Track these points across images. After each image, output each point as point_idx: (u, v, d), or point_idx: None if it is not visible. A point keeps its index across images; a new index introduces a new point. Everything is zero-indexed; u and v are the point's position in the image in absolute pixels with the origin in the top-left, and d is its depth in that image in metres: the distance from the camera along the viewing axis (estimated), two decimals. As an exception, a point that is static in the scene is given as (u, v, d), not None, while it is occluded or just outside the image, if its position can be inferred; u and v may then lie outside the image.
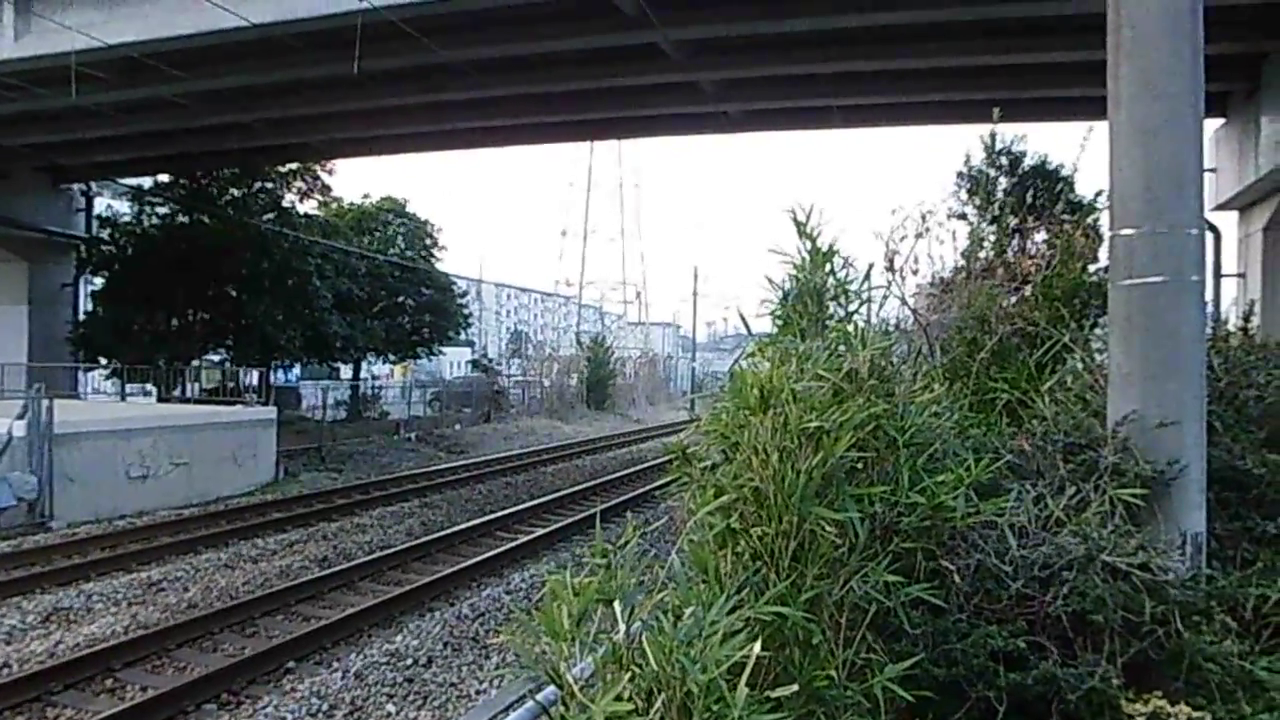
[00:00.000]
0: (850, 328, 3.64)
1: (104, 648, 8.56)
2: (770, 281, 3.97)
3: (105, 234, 27.16)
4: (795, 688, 2.45)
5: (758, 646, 2.33)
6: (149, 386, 24.87)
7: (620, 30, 14.99)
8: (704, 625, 2.36)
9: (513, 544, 13.67)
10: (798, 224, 3.77)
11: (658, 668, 2.30)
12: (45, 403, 14.60)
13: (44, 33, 15.48)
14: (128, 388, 25.41)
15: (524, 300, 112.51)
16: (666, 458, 3.48)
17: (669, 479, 3.44)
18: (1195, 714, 3.07)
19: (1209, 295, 14.46)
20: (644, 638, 2.41)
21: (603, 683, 2.37)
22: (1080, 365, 5.22)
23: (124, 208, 28.60)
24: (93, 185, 27.73)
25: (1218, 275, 15.91)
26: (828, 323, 3.72)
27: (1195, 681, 3.31)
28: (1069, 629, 3.35)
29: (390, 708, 7.68)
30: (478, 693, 8.05)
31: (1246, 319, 6.31)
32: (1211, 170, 16.66)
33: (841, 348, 3.41)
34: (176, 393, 23.84)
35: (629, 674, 2.35)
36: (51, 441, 14.52)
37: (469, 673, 8.53)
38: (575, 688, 2.38)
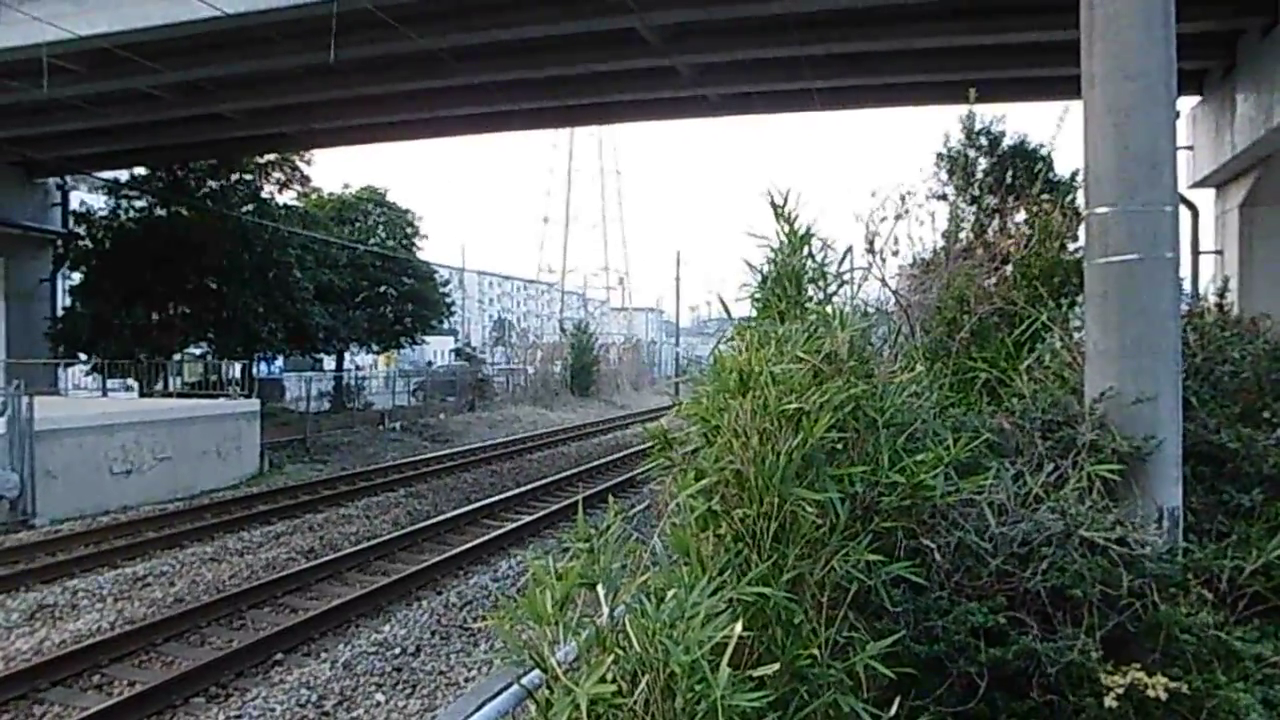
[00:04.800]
0: (829, 310, 3.66)
1: (90, 644, 8.54)
2: (750, 265, 3.99)
3: (82, 229, 26.92)
4: (776, 666, 2.47)
5: (739, 627, 2.35)
6: (130, 381, 24.68)
7: (598, 15, 14.94)
8: (686, 607, 2.38)
9: (499, 531, 13.69)
10: (775, 207, 3.78)
11: (641, 650, 2.32)
12: (25, 399, 14.49)
13: (13, 24, 15.28)
14: (109, 383, 25.22)
15: (507, 288, 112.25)
16: (650, 443, 3.50)
17: (651, 463, 3.46)
18: (1172, 684, 3.12)
19: (1188, 272, 14.62)
20: (627, 620, 2.42)
21: (587, 665, 2.38)
22: (1058, 343, 5.26)
23: (100, 202, 28.33)
24: (68, 179, 27.44)
25: (1196, 252, 16.07)
26: (806, 305, 3.74)
27: (1172, 653, 3.35)
28: (1048, 604, 3.39)
29: (379, 697, 7.70)
30: (466, 680, 8.08)
31: (1221, 295, 6.37)
32: (1188, 148, 16.75)
33: (820, 330, 3.43)
34: (159, 387, 23.68)
35: (613, 656, 2.37)
36: (32, 438, 14.41)
37: (457, 660, 8.56)
38: (559, 671, 2.40)
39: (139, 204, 27.30)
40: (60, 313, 26.77)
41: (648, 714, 2.33)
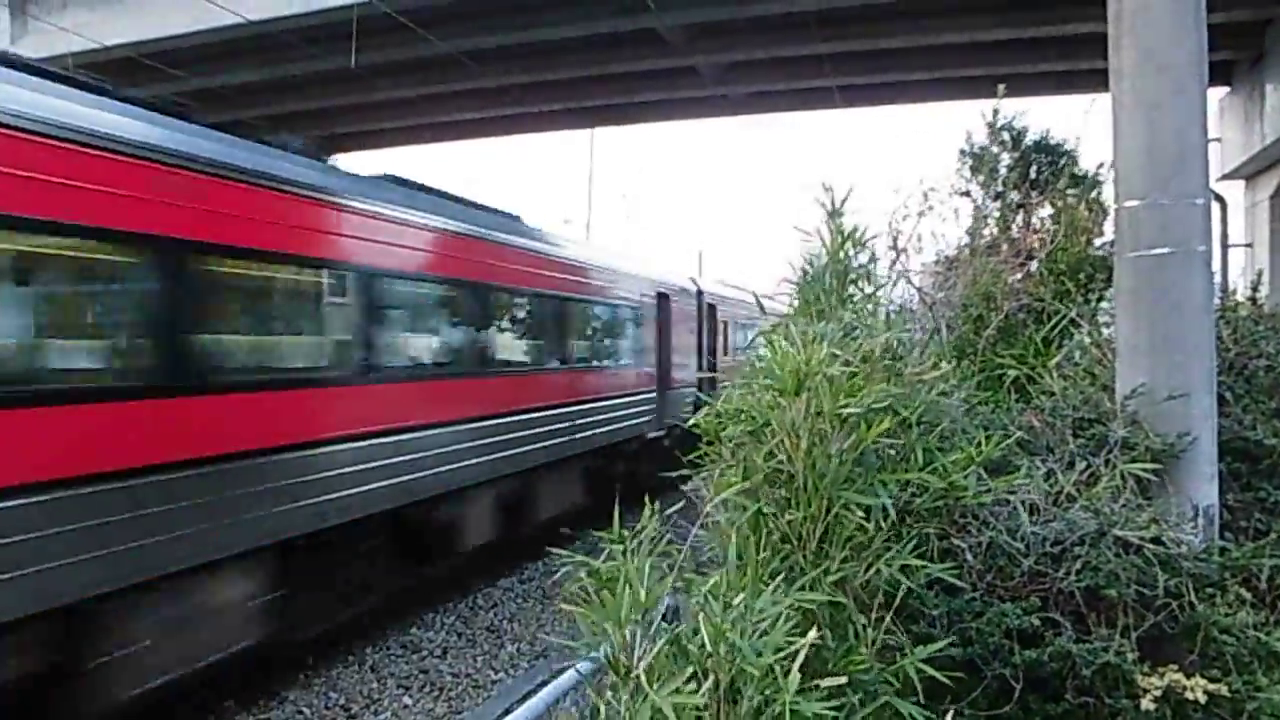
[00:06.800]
0: (871, 308, 3.64)
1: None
2: (790, 265, 3.97)
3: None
4: (844, 679, 2.43)
5: (813, 633, 2.33)
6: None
7: (618, 15, 14.95)
8: (754, 612, 2.36)
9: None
10: (827, 206, 3.75)
11: (714, 653, 2.29)
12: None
13: (40, 34, 15.48)
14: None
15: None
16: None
17: (696, 456, 3.44)
18: (1211, 686, 3.06)
19: (1217, 265, 14.44)
20: (702, 621, 2.39)
21: (657, 667, 2.36)
22: (1087, 339, 5.20)
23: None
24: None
25: (1225, 245, 15.86)
26: (849, 304, 3.71)
27: (1210, 654, 3.29)
28: (1082, 604, 3.34)
29: (407, 700, 7.72)
30: (493, 682, 8.09)
31: (1254, 288, 6.27)
32: (1216, 140, 16.54)
33: (859, 329, 3.41)
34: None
35: (693, 668, 2.34)
36: None
37: (484, 663, 8.57)
38: (639, 674, 2.36)
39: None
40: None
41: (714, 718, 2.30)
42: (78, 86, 6.15)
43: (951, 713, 2.63)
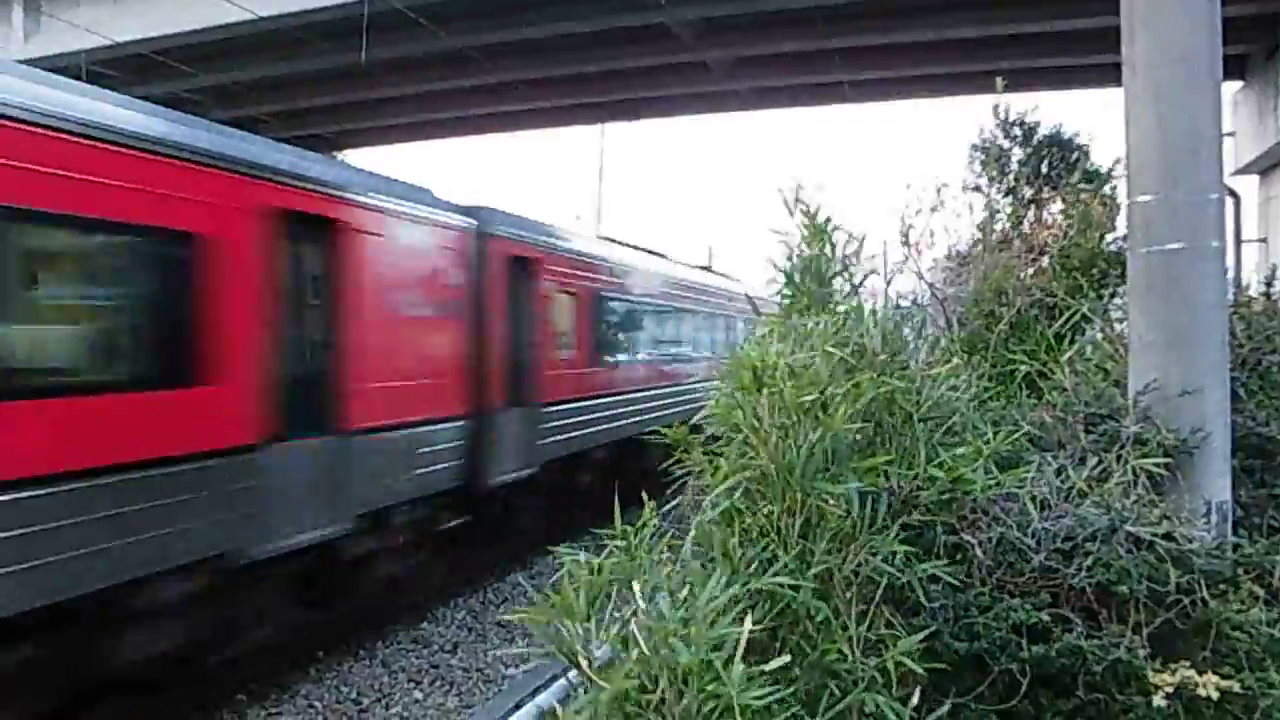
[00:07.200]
0: (857, 302, 3.62)
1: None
2: (774, 264, 3.94)
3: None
4: (787, 659, 2.42)
5: (749, 622, 2.30)
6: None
7: (628, 11, 14.93)
8: (699, 605, 2.35)
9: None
10: (796, 201, 3.73)
11: (651, 650, 2.29)
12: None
13: (53, 32, 15.55)
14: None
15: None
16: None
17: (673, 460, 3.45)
18: (1223, 683, 3.03)
19: (1231, 261, 14.33)
20: (633, 623, 2.39)
21: (618, 663, 2.36)
22: (1100, 335, 5.17)
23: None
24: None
25: (1239, 241, 15.75)
26: (832, 298, 3.69)
27: (1222, 650, 3.27)
28: (1093, 600, 3.31)
29: (417, 694, 7.74)
30: (504, 677, 8.10)
31: (1268, 284, 6.23)
32: (1230, 134, 16.43)
33: (849, 322, 3.39)
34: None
35: (636, 654, 2.34)
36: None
37: (495, 658, 8.58)
38: (588, 668, 2.37)
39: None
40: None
41: (662, 713, 2.29)
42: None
43: (917, 697, 2.61)
